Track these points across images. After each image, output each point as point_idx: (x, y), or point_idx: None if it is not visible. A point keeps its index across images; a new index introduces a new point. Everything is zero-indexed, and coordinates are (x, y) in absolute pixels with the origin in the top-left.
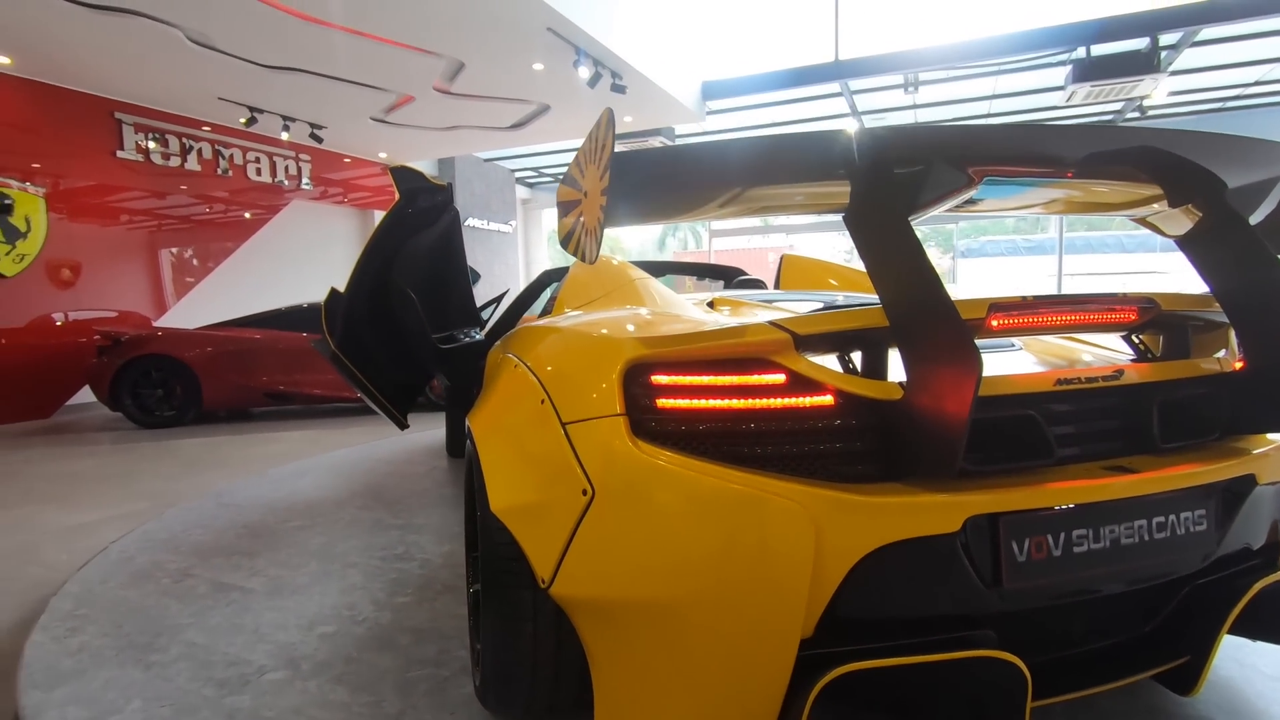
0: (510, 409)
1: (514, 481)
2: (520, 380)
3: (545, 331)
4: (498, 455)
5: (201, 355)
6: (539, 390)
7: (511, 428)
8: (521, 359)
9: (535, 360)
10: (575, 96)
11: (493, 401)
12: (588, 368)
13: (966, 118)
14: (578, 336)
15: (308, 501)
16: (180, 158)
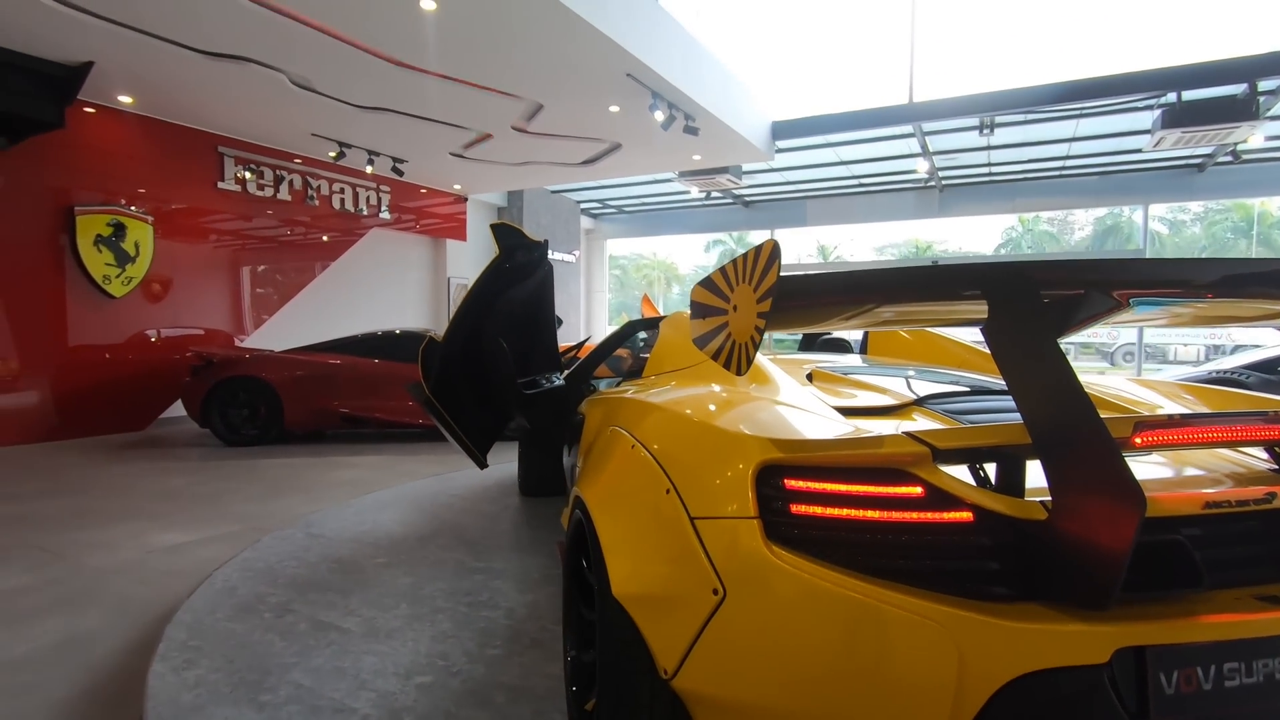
0: (631, 491)
1: (639, 569)
2: (641, 464)
3: (665, 415)
4: (619, 537)
5: (285, 378)
6: (663, 479)
7: (633, 511)
8: (640, 440)
9: (658, 446)
10: (647, 136)
11: (609, 478)
12: (718, 465)
13: (1043, 160)
14: (706, 430)
15: (391, 537)
16: (273, 188)
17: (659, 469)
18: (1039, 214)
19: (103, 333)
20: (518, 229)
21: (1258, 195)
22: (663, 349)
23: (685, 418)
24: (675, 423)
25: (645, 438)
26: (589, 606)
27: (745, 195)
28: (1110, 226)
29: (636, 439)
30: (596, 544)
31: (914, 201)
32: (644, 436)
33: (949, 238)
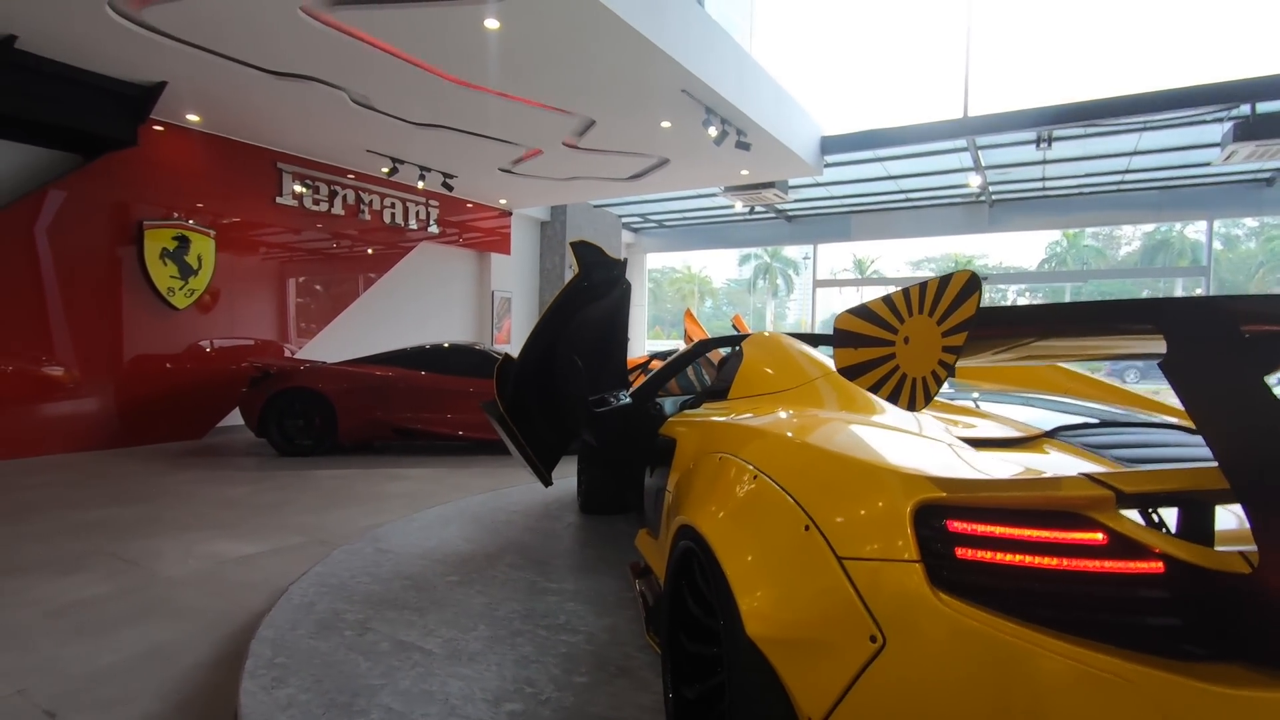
0: (758, 524)
1: (776, 609)
2: (768, 496)
3: (792, 445)
4: (748, 573)
5: (340, 390)
6: (798, 514)
7: (764, 546)
8: (764, 471)
9: (788, 478)
10: (696, 151)
11: (728, 508)
12: (868, 502)
13: (1101, 174)
14: (849, 464)
15: (459, 554)
16: (328, 202)
17: (792, 503)
18: (1085, 229)
19: (165, 343)
20: (597, 247)
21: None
22: (750, 371)
23: (819, 450)
24: (807, 455)
25: (770, 468)
26: (693, 639)
27: (788, 210)
28: (1160, 242)
29: (758, 469)
30: (721, 579)
31: (962, 216)
32: (768, 467)
33: (989, 252)
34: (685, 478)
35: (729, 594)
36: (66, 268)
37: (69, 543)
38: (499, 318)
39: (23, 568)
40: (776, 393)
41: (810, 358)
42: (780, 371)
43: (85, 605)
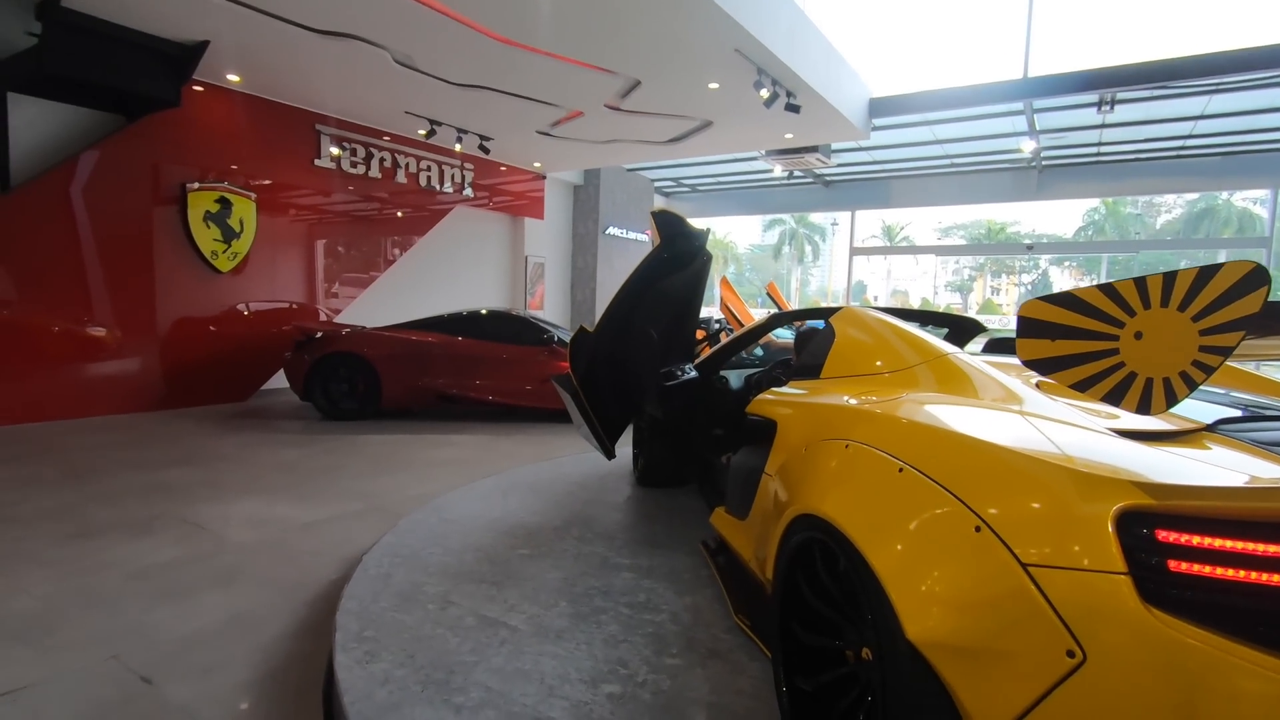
0: (915, 522)
1: (944, 614)
2: (922, 492)
3: (943, 437)
4: (907, 572)
5: (384, 355)
6: (964, 513)
7: (924, 545)
8: (912, 464)
9: (947, 474)
10: (742, 113)
11: (870, 500)
12: (1054, 504)
13: (1161, 140)
14: (1026, 461)
15: (525, 526)
16: (365, 165)
17: (955, 501)
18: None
19: (208, 306)
20: (679, 216)
21: None
22: (848, 350)
23: (982, 444)
24: (968, 449)
25: (920, 461)
26: (810, 631)
27: (826, 174)
28: (1203, 210)
29: (905, 462)
30: (869, 576)
31: (1009, 182)
32: (918, 460)
33: (1021, 219)
34: (798, 464)
35: (880, 592)
36: (111, 230)
37: (137, 506)
38: (532, 283)
39: (96, 530)
40: (883, 373)
41: (918, 338)
42: (885, 351)
43: (163, 569)
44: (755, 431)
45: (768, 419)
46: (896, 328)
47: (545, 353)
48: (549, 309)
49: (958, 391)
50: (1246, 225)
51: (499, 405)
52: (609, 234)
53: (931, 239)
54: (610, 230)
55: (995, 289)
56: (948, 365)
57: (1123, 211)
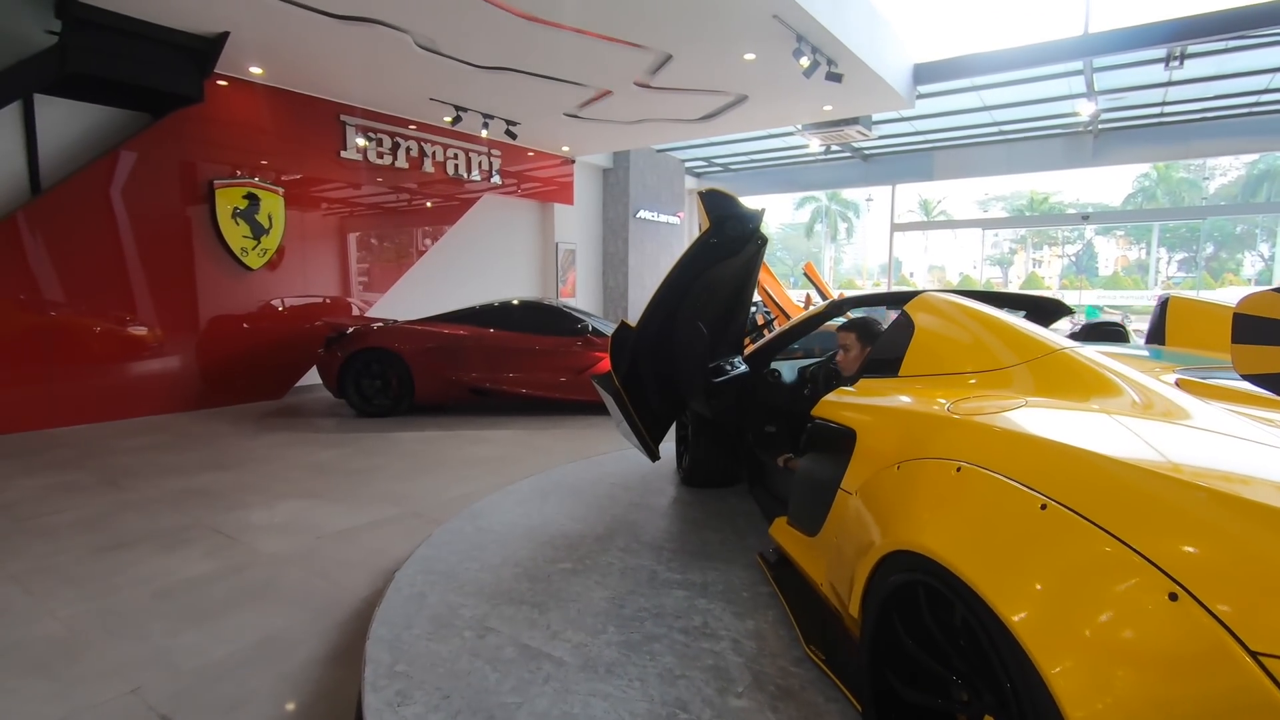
0: (1076, 578)
1: (1123, 704)
2: (1082, 540)
3: (1107, 466)
4: (1068, 645)
5: (416, 350)
6: (1152, 575)
7: (1093, 610)
8: (1062, 501)
9: (1118, 517)
10: (778, 86)
11: (1005, 543)
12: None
13: (1233, 95)
14: (1244, 507)
15: (566, 536)
16: (391, 155)
17: (1136, 557)
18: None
19: (241, 304)
20: (730, 196)
21: None
22: (931, 343)
23: (1168, 479)
24: (1145, 485)
25: (1073, 498)
26: (911, 685)
27: (864, 148)
28: (1264, 172)
29: (1046, 495)
30: (1010, 644)
31: (1062, 149)
32: (1070, 495)
33: (1064, 188)
34: (890, 486)
35: (1027, 664)
36: (143, 229)
37: (169, 514)
38: (563, 270)
39: (128, 542)
40: (982, 373)
41: (1023, 330)
42: (982, 346)
43: (191, 586)
44: (826, 439)
45: (842, 426)
46: (992, 317)
47: (579, 343)
48: (581, 296)
49: (1088, 397)
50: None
51: (533, 398)
52: (640, 217)
53: (970, 212)
54: (641, 214)
55: (1037, 261)
56: (1067, 363)
57: (1175, 177)
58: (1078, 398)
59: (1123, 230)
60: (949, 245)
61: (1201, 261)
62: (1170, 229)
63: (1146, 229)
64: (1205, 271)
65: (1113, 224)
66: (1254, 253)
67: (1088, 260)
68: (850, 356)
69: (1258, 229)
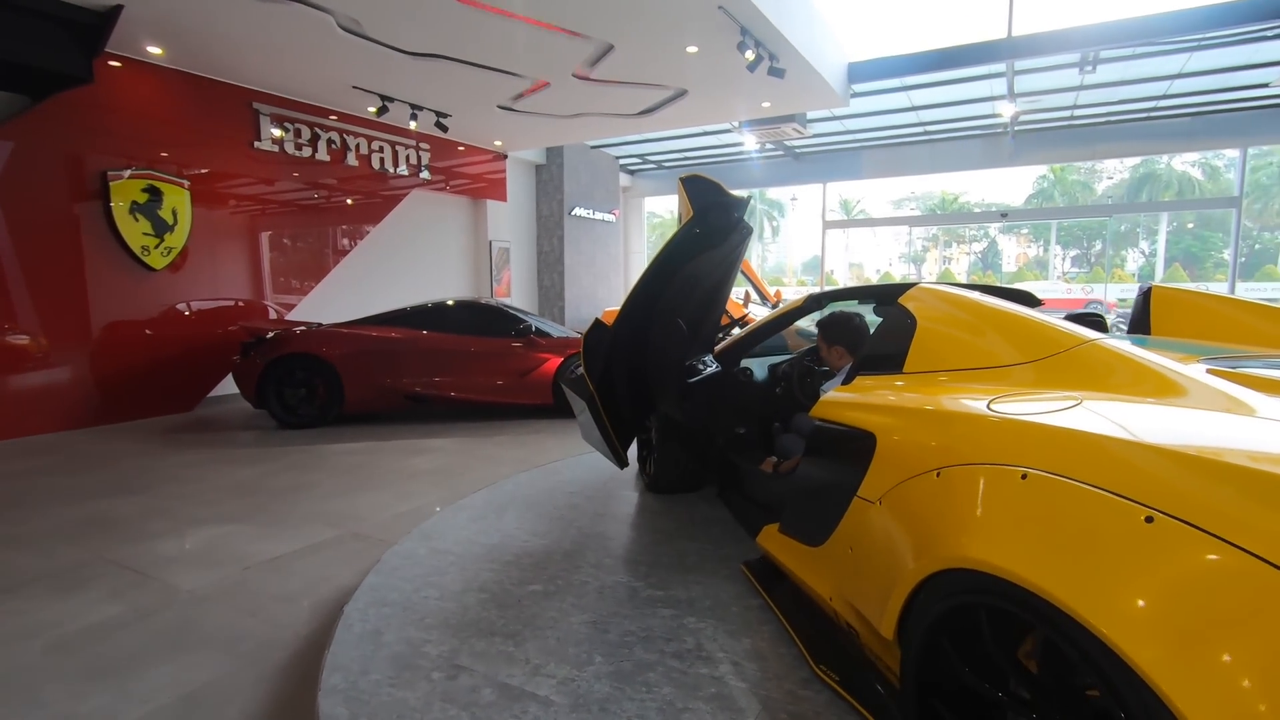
0: (1199, 598)
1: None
2: (1207, 556)
3: (1225, 471)
4: (1199, 668)
5: (345, 355)
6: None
7: (1225, 632)
8: (1175, 514)
9: (1255, 533)
10: (719, 81)
11: (1109, 562)
12: None
13: (1135, 101)
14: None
15: (531, 554)
16: (311, 147)
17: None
18: (1084, 163)
19: (143, 308)
20: (714, 183)
21: None
22: (938, 338)
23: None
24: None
25: (1190, 510)
26: (962, 713)
27: (797, 146)
28: (1145, 175)
29: (1153, 507)
30: (1136, 682)
31: (981, 149)
32: (1184, 508)
33: (970, 188)
34: (930, 495)
35: (1146, 692)
36: (20, 226)
37: (66, 548)
38: (498, 269)
39: (13, 586)
40: (1004, 367)
41: (1046, 323)
42: (1000, 339)
43: (94, 635)
44: (835, 443)
45: (855, 429)
46: (1003, 309)
47: (521, 344)
48: (516, 296)
49: (1138, 392)
50: (1185, 189)
51: (474, 403)
52: (575, 215)
53: (886, 211)
54: (576, 211)
55: (948, 258)
56: (1102, 356)
57: (1070, 179)
58: (1128, 393)
59: (1026, 229)
60: (868, 244)
61: (1093, 257)
62: (1065, 227)
63: (1045, 228)
64: (1098, 266)
65: (1028, 221)
66: (1136, 249)
67: (993, 257)
68: (836, 352)
69: (1139, 228)
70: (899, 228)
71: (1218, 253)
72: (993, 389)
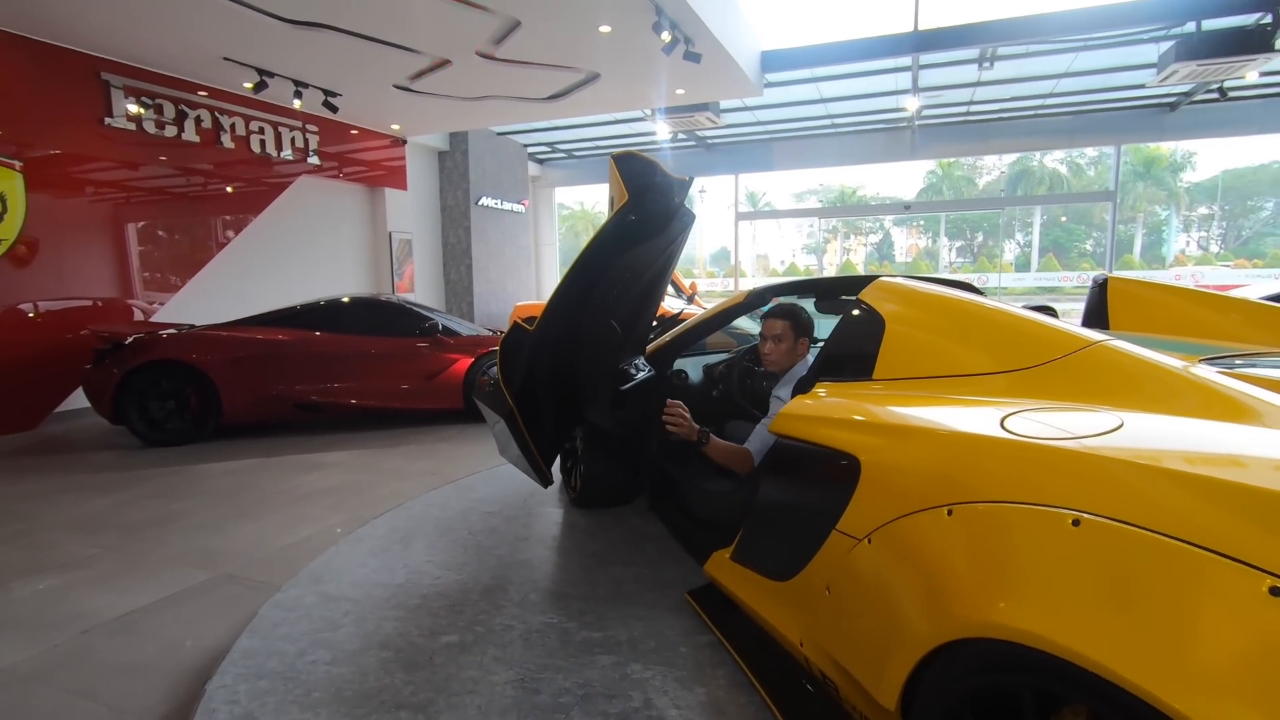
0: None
1: None
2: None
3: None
4: None
5: (222, 360)
6: None
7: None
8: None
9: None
10: (634, 64)
11: (1207, 642)
12: None
13: (1023, 98)
14: None
15: (444, 594)
16: (176, 126)
17: None
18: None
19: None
20: (652, 161)
21: (1224, 135)
22: (912, 339)
23: None
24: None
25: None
26: None
27: (709, 137)
28: (1021, 171)
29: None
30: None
31: (885, 143)
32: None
33: (866, 182)
34: (940, 538)
35: None
36: None
37: None
38: (399, 263)
39: None
40: (991, 374)
41: (1040, 322)
42: (988, 342)
43: None
44: (804, 465)
45: (830, 449)
46: (986, 305)
47: (427, 344)
48: (420, 291)
49: (1171, 404)
50: (1056, 184)
51: (376, 410)
52: (482, 205)
53: (789, 204)
54: (483, 201)
55: (848, 249)
56: (1115, 361)
57: (956, 174)
58: (1161, 408)
59: (920, 221)
60: (773, 235)
61: (976, 248)
62: (952, 220)
63: (936, 221)
64: (982, 256)
65: (931, 212)
66: (1013, 240)
67: (888, 248)
68: (782, 349)
69: (1015, 220)
70: (801, 221)
71: (1080, 243)
72: (989, 400)
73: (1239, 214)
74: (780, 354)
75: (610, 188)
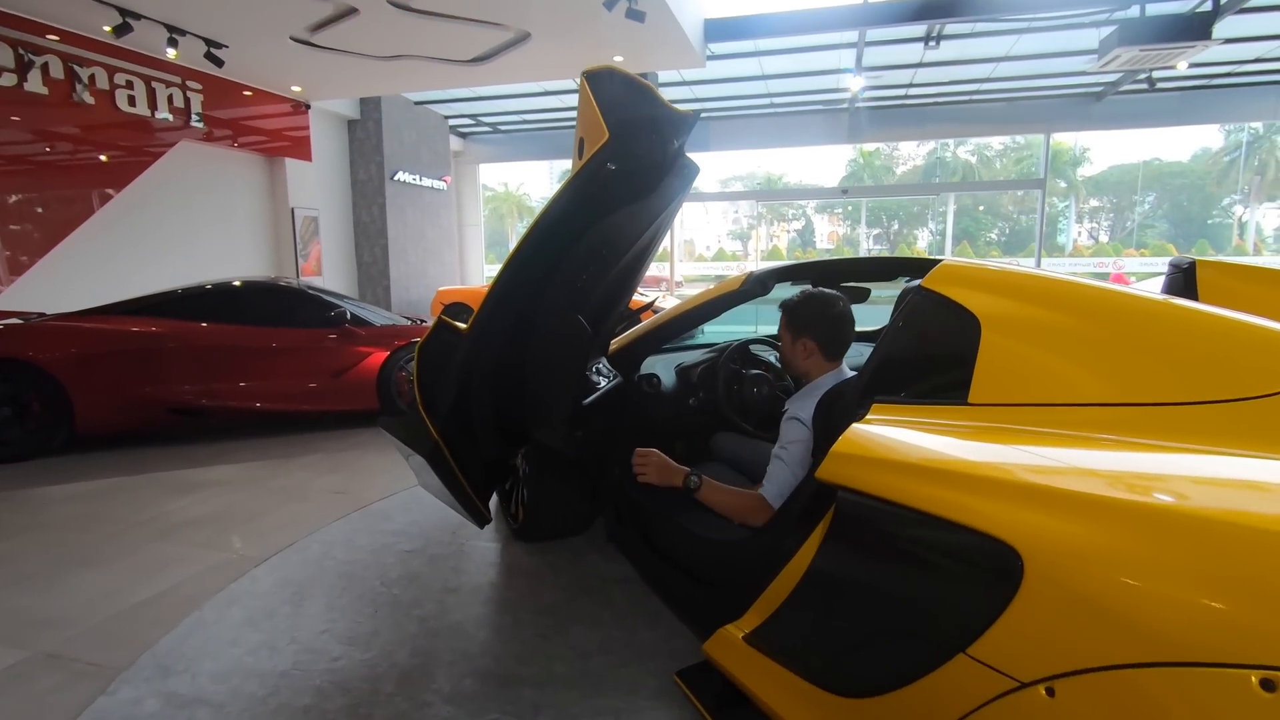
0: None
1: None
2: None
3: None
4: None
5: (73, 358)
6: None
7: None
8: None
9: None
10: (568, 22)
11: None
12: None
13: (960, 82)
14: None
15: (343, 681)
16: (17, 75)
17: None
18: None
19: None
20: (642, 84)
21: (1147, 126)
22: (1034, 351)
23: None
24: None
25: None
26: None
27: None
28: (936, 160)
29: None
30: None
31: (822, 125)
32: None
33: (790, 169)
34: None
35: None
36: None
37: None
38: (304, 242)
39: None
40: (1193, 405)
41: (1247, 323)
42: (1162, 358)
43: None
44: (900, 540)
45: (962, 529)
46: (1151, 300)
47: (334, 336)
48: (330, 274)
49: None
50: (968, 173)
51: (271, 414)
52: (399, 180)
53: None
54: (400, 176)
55: (773, 235)
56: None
57: (875, 163)
58: None
59: (840, 209)
60: (700, 221)
61: (891, 235)
62: (871, 208)
63: (857, 209)
64: (901, 243)
65: (868, 197)
66: (926, 228)
67: (809, 235)
68: (784, 353)
69: (928, 209)
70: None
71: (987, 232)
72: (1186, 446)
73: (1125, 207)
74: (785, 359)
75: (579, 123)
